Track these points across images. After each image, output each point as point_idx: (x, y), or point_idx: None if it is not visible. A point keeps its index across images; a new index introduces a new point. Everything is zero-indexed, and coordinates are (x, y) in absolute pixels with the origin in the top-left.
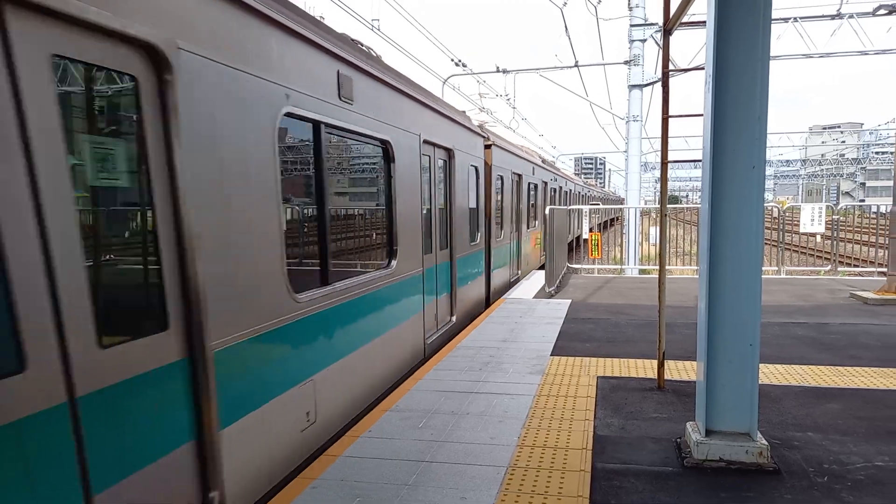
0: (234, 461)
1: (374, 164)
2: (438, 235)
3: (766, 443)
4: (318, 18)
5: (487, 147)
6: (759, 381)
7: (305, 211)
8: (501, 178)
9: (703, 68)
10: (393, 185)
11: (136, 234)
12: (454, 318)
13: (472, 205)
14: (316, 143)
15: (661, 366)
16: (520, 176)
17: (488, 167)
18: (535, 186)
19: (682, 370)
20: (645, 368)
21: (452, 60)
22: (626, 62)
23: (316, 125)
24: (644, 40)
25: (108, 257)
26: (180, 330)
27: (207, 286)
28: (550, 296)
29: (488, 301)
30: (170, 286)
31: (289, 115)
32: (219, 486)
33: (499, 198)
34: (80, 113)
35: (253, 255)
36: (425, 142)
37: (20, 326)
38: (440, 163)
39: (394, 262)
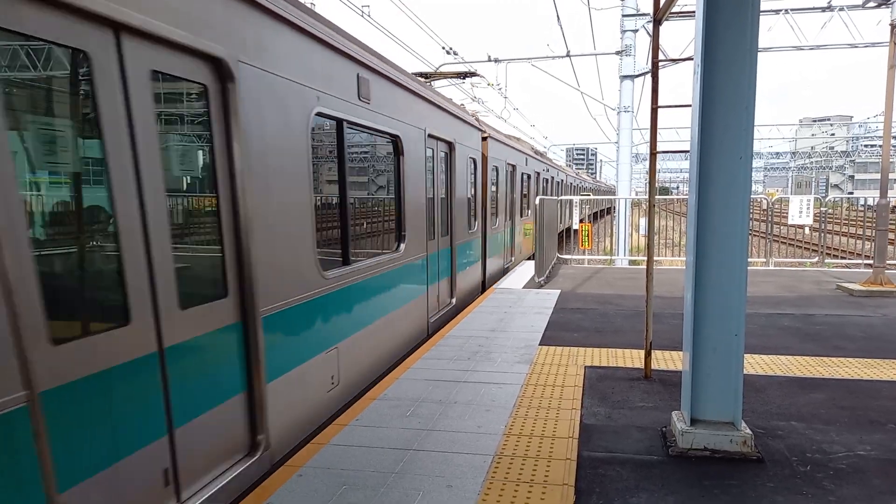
0: (276, 411)
1: (387, 156)
2: (440, 223)
3: (751, 432)
4: (311, 6)
5: (484, 139)
6: (745, 371)
7: (331, 199)
8: (497, 168)
9: (692, 59)
10: (402, 176)
11: (204, 219)
12: (454, 301)
13: (470, 194)
14: (339, 139)
15: (648, 355)
16: (513, 167)
17: (485, 158)
18: (528, 177)
19: (668, 360)
20: (632, 358)
21: (443, 48)
22: (617, 52)
23: (339, 122)
24: (636, 30)
25: (184, 240)
26: (237, 297)
27: (258, 263)
28: (540, 286)
29: (484, 286)
30: (229, 262)
31: (319, 114)
32: (265, 431)
33: (494, 188)
34: (168, 117)
35: (291, 237)
36: (430, 136)
37: (128, 290)
38: (442, 155)
39: (402, 246)
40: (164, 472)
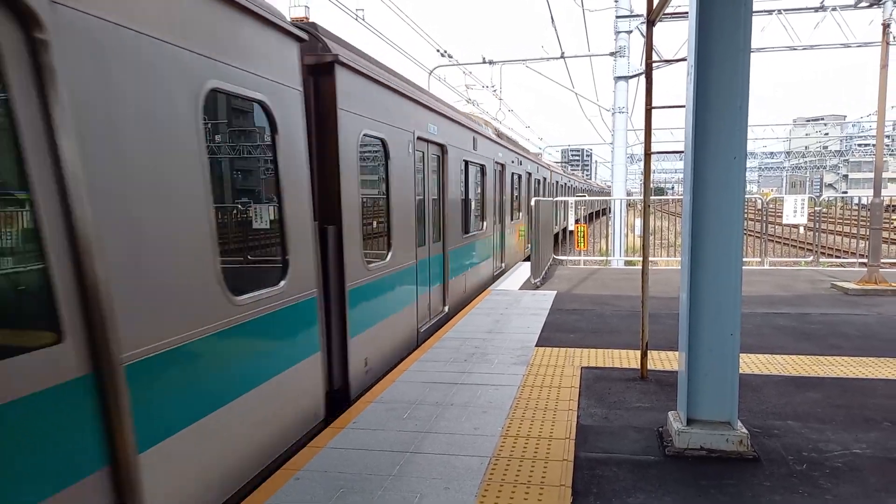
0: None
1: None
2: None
3: (747, 431)
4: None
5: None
6: (741, 371)
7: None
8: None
9: (686, 59)
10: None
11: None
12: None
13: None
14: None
15: (644, 356)
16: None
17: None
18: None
19: (664, 360)
20: (629, 359)
21: (438, 51)
22: (611, 53)
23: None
24: (630, 32)
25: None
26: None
27: (448, 229)
28: (536, 287)
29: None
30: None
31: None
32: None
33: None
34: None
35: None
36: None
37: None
38: (462, 164)
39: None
40: None
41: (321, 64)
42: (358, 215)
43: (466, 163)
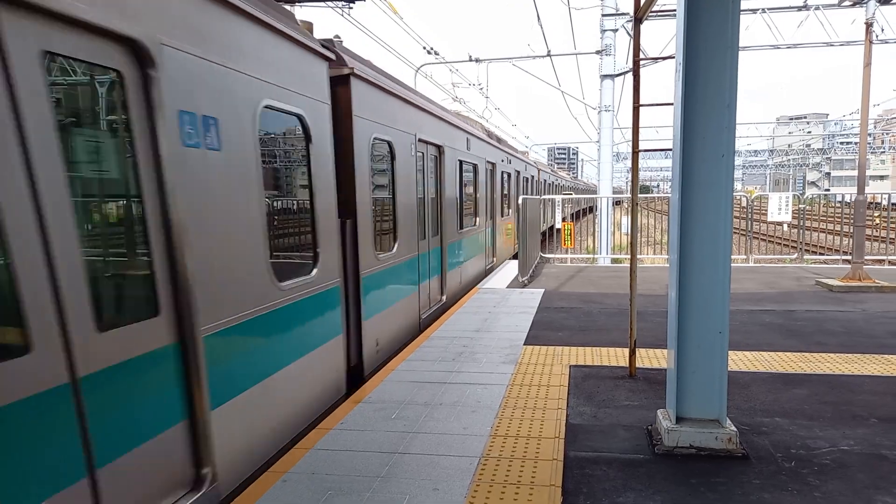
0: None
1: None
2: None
3: (735, 429)
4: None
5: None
6: (729, 368)
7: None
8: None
9: (673, 57)
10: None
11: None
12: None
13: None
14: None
15: (632, 354)
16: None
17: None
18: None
19: (653, 358)
20: (617, 357)
21: (425, 48)
22: (597, 52)
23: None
24: (616, 30)
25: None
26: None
27: (445, 224)
28: (524, 285)
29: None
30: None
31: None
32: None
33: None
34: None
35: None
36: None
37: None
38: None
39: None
40: None
41: (338, 76)
42: (370, 210)
43: (461, 162)
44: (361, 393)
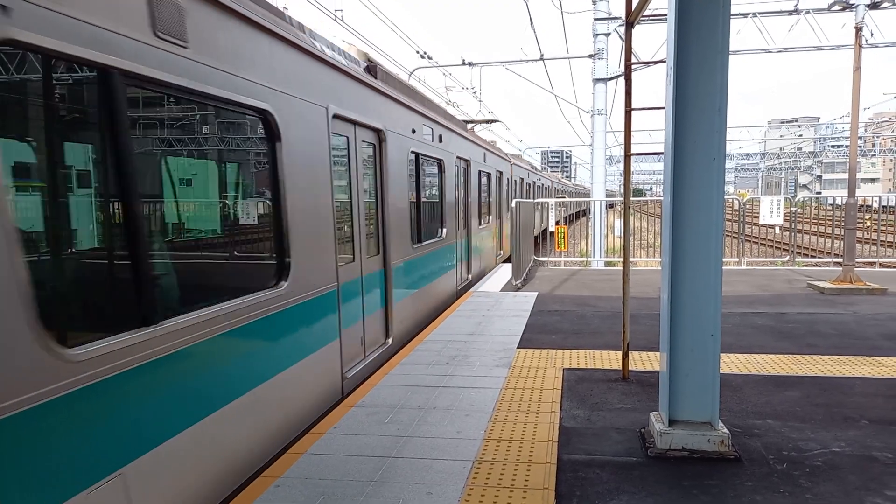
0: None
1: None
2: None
3: (728, 431)
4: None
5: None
6: (721, 371)
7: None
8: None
9: (665, 62)
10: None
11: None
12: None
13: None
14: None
15: (625, 357)
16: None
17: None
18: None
19: (646, 361)
20: (610, 359)
21: (418, 52)
22: (590, 56)
23: (417, 156)
24: (608, 34)
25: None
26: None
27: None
28: (517, 289)
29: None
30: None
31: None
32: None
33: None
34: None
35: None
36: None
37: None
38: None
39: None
40: None
41: None
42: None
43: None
44: (355, 397)
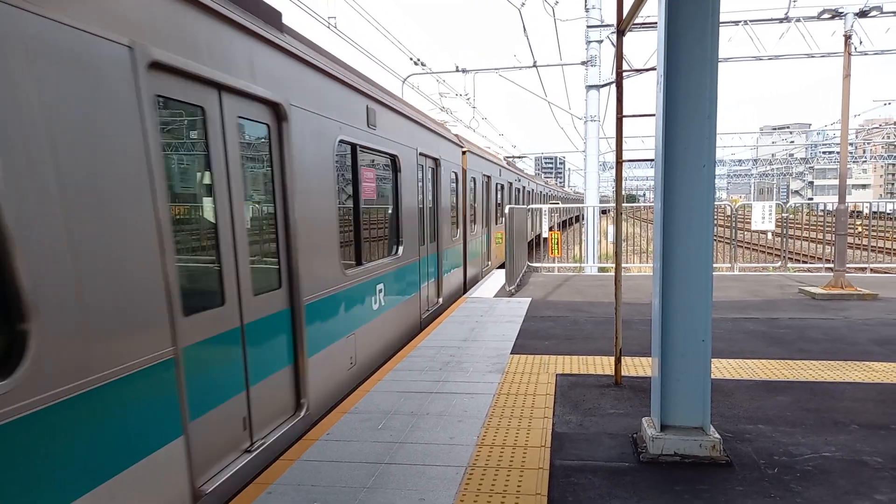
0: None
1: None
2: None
3: (719, 436)
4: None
5: (463, 153)
6: (712, 376)
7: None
8: (474, 180)
9: (655, 69)
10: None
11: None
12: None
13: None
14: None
15: (618, 362)
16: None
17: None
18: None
19: (638, 366)
20: (603, 365)
21: (412, 59)
22: (583, 63)
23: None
24: (601, 41)
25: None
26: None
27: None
28: (511, 294)
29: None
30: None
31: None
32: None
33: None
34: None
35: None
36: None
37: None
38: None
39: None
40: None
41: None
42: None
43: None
44: (348, 403)
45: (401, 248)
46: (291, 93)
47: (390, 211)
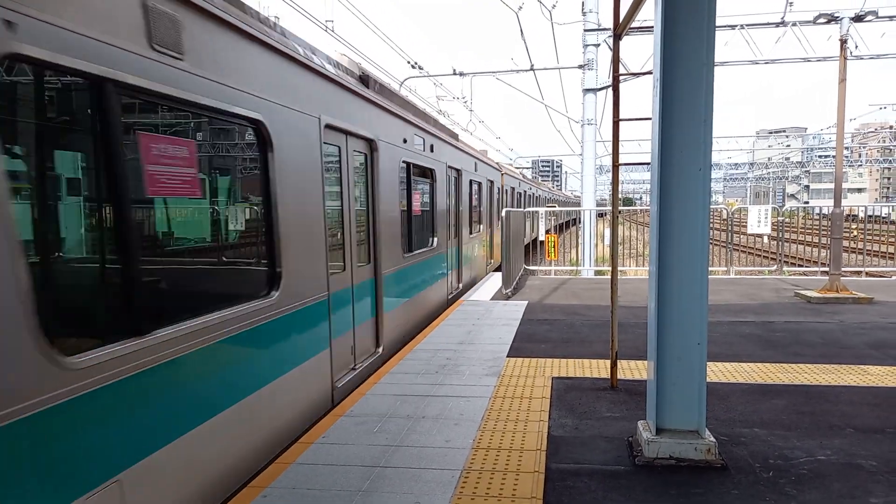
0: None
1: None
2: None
3: (714, 440)
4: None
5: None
6: (708, 379)
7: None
8: (479, 184)
9: (652, 73)
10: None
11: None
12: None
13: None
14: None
15: (614, 365)
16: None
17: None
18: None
19: (634, 369)
20: (599, 368)
21: (409, 63)
22: (580, 66)
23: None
24: (597, 45)
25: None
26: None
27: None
28: (507, 297)
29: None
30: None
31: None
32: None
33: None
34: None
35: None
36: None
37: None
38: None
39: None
40: None
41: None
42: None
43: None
44: (343, 406)
45: (434, 240)
46: (378, 131)
47: (428, 211)
